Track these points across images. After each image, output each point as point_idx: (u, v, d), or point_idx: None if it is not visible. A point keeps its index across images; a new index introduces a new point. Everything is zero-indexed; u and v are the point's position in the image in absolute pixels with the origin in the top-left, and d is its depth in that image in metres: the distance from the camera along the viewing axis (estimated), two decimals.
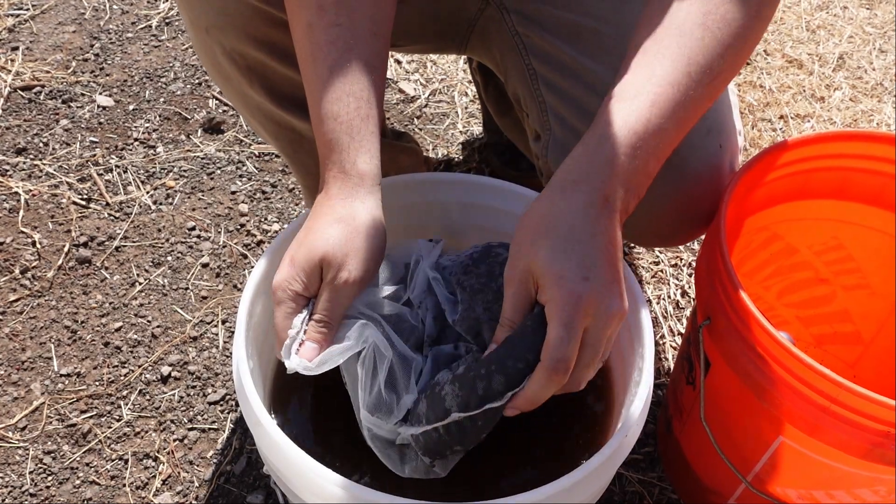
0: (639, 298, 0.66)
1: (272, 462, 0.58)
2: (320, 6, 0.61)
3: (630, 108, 0.57)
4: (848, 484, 0.72)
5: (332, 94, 0.61)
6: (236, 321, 0.64)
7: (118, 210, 1.27)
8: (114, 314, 1.14)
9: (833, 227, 0.86)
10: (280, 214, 1.28)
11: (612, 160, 0.56)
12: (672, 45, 0.59)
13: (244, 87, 0.85)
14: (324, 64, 0.61)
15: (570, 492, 0.55)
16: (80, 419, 1.03)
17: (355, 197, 0.61)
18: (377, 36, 0.63)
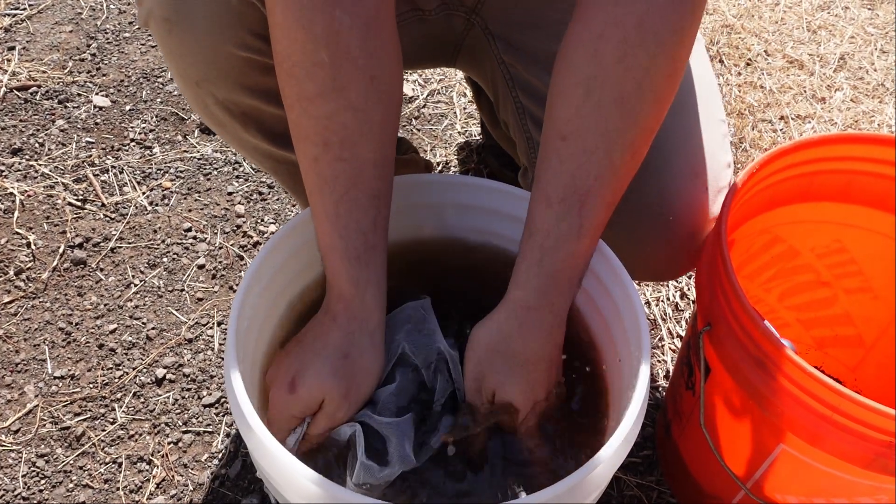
0: (636, 303, 0.65)
1: (264, 468, 0.58)
2: (326, 142, 0.61)
3: (561, 214, 0.60)
4: (849, 493, 0.71)
5: (338, 229, 0.63)
6: (228, 325, 0.63)
7: (114, 211, 1.26)
8: (108, 316, 1.13)
9: (836, 230, 0.85)
10: (277, 215, 1.27)
11: (557, 275, 0.62)
12: (594, 135, 0.59)
13: (239, 131, 0.84)
14: (330, 199, 0.62)
15: (567, 496, 0.54)
16: (74, 422, 1.02)
17: (362, 332, 0.64)
18: (383, 164, 0.64)
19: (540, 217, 0.61)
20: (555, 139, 0.60)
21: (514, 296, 0.63)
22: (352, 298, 0.64)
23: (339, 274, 0.63)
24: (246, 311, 0.65)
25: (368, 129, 0.61)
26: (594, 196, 0.60)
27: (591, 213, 0.61)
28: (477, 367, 0.64)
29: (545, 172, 0.61)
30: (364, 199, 0.63)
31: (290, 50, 0.59)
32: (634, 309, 0.65)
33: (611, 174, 0.60)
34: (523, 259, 0.62)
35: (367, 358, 0.64)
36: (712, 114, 0.81)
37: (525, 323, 0.63)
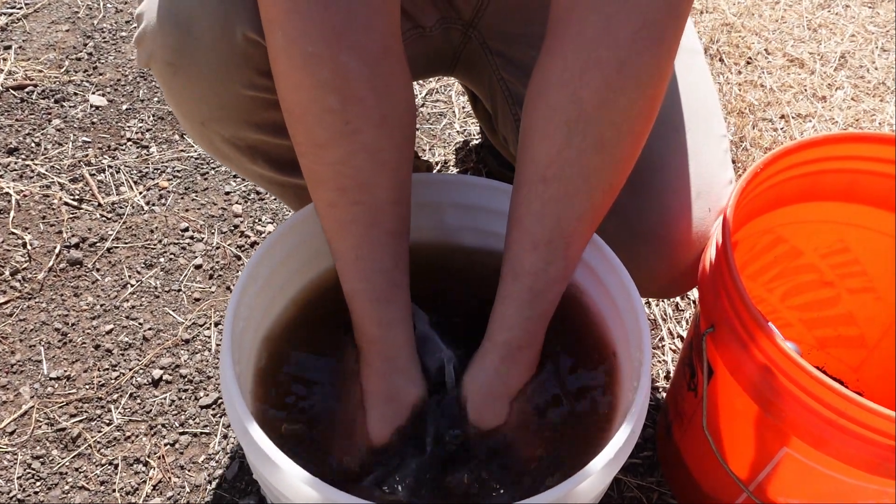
0: (637, 304, 0.64)
1: (260, 470, 0.57)
2: (341, 187, 0.61)
3: (549, 257, 0.61)
4: (853, 497, 0.70)
5: (360, 272, 0.63)
6: (223, 326, 0.63)
7: (110, 211, 1.25)
8: (105, 316, 1.12)
9: (839, 229, 0.84)
10: (274, 215, 1.26)
11: (545, 314, 0.63)
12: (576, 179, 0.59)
13: (246, 163, 0.83)
14: (350, 242, 0.62)
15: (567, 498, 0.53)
16: (70, 423, 1.01)
17: (398, 371, 0.65)
18: (399, 203, 0.64)
19: (527, 260, 0.61)
20: (535, 182, 0.60)
21: (504, 338, 0.63)
22: (381, 340, 0.64)
23: (365, 317, 0.64)
24: (242, 312, 0.64)
25: (383, 170, 0.61)
26: (578, 236, 0.61)
27: (575, 252, 0.62)
28: (476, 408, 0.65)
29: (528, 215, 0.60)
30: (384, 238, 0.62)
31: (298, 98, 0.58)
32: (635, 309, 0.64)
33: (592, 213, 0.61)
34: (511, 301, 0.62)
35: (409, 393, 0.65)
36: (713, 130, 0.80)
37: (517, 362, 0.64)
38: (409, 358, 0.65)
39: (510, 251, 0.62)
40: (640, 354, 0.61)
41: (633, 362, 0.62)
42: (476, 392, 0.64)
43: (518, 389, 0.65)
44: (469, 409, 0.64)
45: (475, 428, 0.64)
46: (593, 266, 0.68)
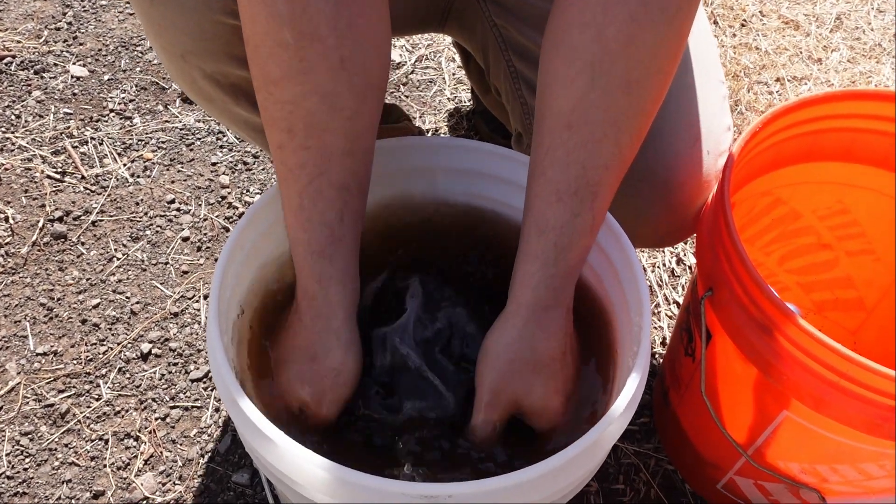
0: (636, 269, 0.62)
1: (251, 443, 0.55)
2: (290, 129, 0.57)
3: (575, 209, 0.57)
4: (853, 458, 0.69)
5: (301, 221, 0.59)
6: (209, 297, 0.61)
7: (94, 183, 1.22)
8: (91, 291, 1.10)
9: (839, 190, 0.83)
10: (262, 186, 1.24)
11: (571, 272, 0.59)
12: (602, 124, 0.55)
13: (229, 105, 0.80)
14: (294, 188, 0.59)
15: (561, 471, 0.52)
16: (58, 399, 0.99)
17: (328, 331, 0.61)
18: (352, 154, 0.60)
19: (552, 213, 0.57)
20: (559, 129, 0.56)
21: (529, 298, 0.59)
22: (314, 296, 0.60)
23: (303, 269, 0.61)
24: (228, 282, 0.62)
25: (336, 116, 0.57)
26: (605, 186, 0.57)
27: (602, 204, 0.58)
28: (497, 380, 0.60)
29: (552, 165, 0.57)
30: (330, 192, 0.59)
31: (254, 30, 0.55)
32: (635, 275, 0.62)
33: (619, 161, 0.57)
34: (535, 258, 0.58)
35: (334, 358, 0.60)
36: (711, 75, 0.78)
37: (544, 324, 0.59)
38: (344, 320, 0.61)
39: (532, 206, 0.58)
40: (640, 319, 0.60)
41: (633, 327, 0.61)
42: (495, 355, 0.60)
43: (548, 356, 0.60)
44: (483, 376, 0.60)
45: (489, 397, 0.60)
46: None
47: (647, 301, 0.61)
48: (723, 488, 0.86)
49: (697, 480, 0.91)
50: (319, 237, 0.59)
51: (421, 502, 0.50)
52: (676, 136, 0.72)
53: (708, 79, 0.77)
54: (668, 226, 0.75)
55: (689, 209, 0.74)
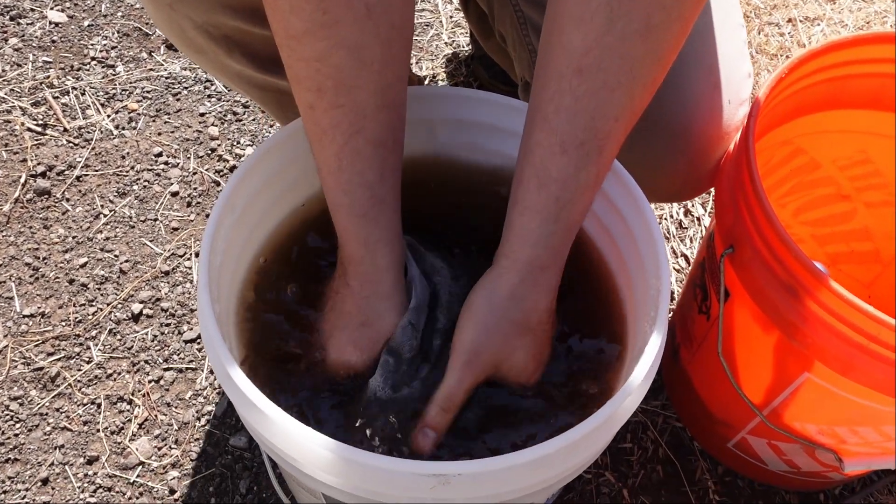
0: (654, 229, 0.59)
1: (245, 417, 0.52)
2: (319, 87, 0.53)
3: (580, 162, 0.52)
4: (876, 421, 0.66)
5: (342, 184, 0.56)
6: (199, 258, 0.57)
7: (77, 136, 1.17)
8: (78, 249, 1.05)
9: (862, 139, 0.78)
10: (253, 137, 1.19)
11: (571, 229, 0.56)
12: (616, 70, 0.50)
13: (221, 57, 0.75)
14: (330, 150, 0.55)
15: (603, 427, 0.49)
16: (47, 362, 0.96)
17: (378, 296, 0.59)
18: (387, 108, 0.56)
19: (554, 165, 0.53)
20: (568, 74, 0.51)
21: (527, 255, 0.55)
22: (361, 260, 0.58)
23: (348, 233, 0.58)
24: (218, 246, 0.58)
25: (366, 70, 0.53)
26: (613, 139, 0.53)
27: (608, 158, 0.54)
28: (480, 339, 0.56)
29: (557, 113, 0.52)
30: (368, 149, 0.55)
31: None
32: (652, 235, 0.58)
33: (630, 113, 0.53)
34: (535, 213, 0.54)
35: (386, 322, 0.59)
36: (731, 18, 0.73)
37: (538, 284, 0.56)
38: (393, 283, 0.59)
39: (532, 155, 0.54)
40: (658, 282, 0.56)
41: (650, 290, 0.57)
42: (481, 311, 0.57)
43: (536, 318, 0.58)
44: (464, 331, 0.57)
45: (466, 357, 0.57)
46: (604, 186, 0.63)
47: (665, 263, 0.57)
48: (734, 447, 0.84)
49: (707, 439, 0.89)
50: (361, 199, 0.56)
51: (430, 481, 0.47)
52: (695, 83, 0.67)
53: (727, 22, 0.71)
54: (685, 179, 0.71)
55: (708, 161, 0.70)
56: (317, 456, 0.48)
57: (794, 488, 0.88)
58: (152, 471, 0.89)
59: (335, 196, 0.57)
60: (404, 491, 0.48)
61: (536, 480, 0.49)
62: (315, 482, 0.52)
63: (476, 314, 0.57)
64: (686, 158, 0.68)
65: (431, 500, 0.48)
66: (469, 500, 0.49)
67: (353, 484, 0.48)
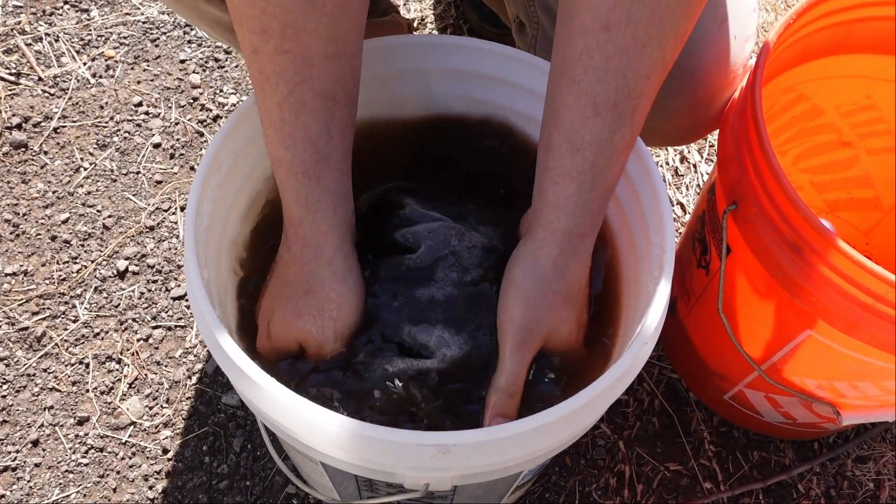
0: (657, 184, 0.56)
1: (236, 384, 0.50)
2: (263, 29, 0.48)
3: (614, 124, 0.50)
4: (876, 377, 0.66)
5: (283, 137, 0.52)
6: (185, 221, 0.54)
7: (53, 86, 1.12)
8: (59, 204, 1.02)
9: (868, 85, 0.76)
10: (237, 84, 1.15)
11: (608, 194, 0.53)
12: (647, 24, 0.47)
13: (200, 3, 0.71)
14: (272, 99, 0.51)
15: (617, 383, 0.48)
16: (32, 322, 0.94)
17: (319, 261, 0.54)
18: (338, 57, 0.51)
19: (589, 129, 0.50)
20: (596, 31, 0.48)
21: (566, 225, 0.52)
22: (301, 222, 0.54)
23: (288, 192, 0.54)
24: (205, 208, 0.56)
25: (316, 13, 0.49)
26: (645, 98, 0.50)
27: (641, 116, 0.51)
28: (530, 316, 0.53)
29: (587, 73, 0.49)
30: (314, 101, 0.51)
31: None
32: (656, 189, 0.56)
33: (662, 69, 0.50)
34: (571, 179, 0.51)
35: (331, 289, 0.54)
36: None
37: (578, 252, 0.53)
38: (337, 247, 0.55)
39: (563, 119, 0.51)
40: (662, 241, 0.54)
41: (654, 249, 0.55)
42: (527, 287, 0.54)
43: (577, 286, 0.55)
44: (511, 309, 0.54)
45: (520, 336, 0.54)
46: None
47: (669, 220, 0.55)
48: (730, 399, 0.84)
49: (703, 390, 0.89)
50: (303, 155, 0.52)
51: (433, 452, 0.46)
52: (701, 19, 0.63)
53: None
54: (692, 120, 0.68)
55: (715, 101, 0.67)
56: (316, 428, 0.46)
57: (790, 438, 0.88)
58: (144, 430, 0.88)
59: (276, 150, 0.53)
60: (404, 460, 0.47)
61: (536, 449, 0.48)
62: (313, 451, 0.50)
63: (521, 290, 0.54)
64: (692, 100, 0.65)
65: (431, 469, 0.47)
66: (467, 468, 0.48)
67: (353, 454, 0.47)
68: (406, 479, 0.51)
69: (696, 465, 0.89)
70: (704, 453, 0.90)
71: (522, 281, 0.54)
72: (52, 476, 0.85)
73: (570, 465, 0.88)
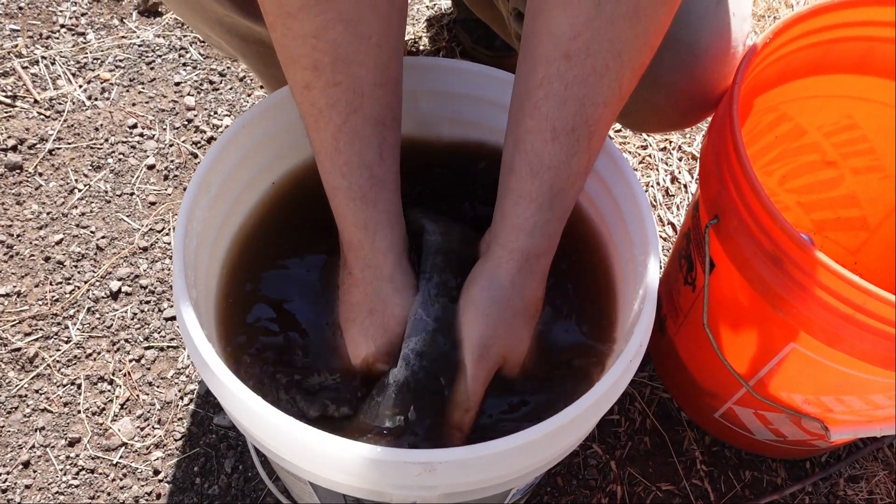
0: (640, 200, 0.57)
1: (229, 410, 0.51)
2: (315, 66, 0.51)
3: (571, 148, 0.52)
4: (862, 390, 0.66)
5: (339, 166, 0.54)
6: (173, 240, 0.55)
7: (48, 108, 1.14)
8: (53, 225, 1.03)
9: (848, 104, 0.77)
10: (231, 107, 1.16)
11: (565, 215, 0.55)
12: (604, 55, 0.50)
13: (205, 0, 0.72)
14: (327, 131, 0.53)
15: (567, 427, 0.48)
16: (25, 343, 0.94)
17: (380, 279, 0.57)
18: (385, 84, 0.54)
19: (547, 152, 0.52)
20: (556, 59, 0.50)
21: (522, 245, 0.54)
22: (360, 245, 0.56)
23: (346, 218, 0.56)
24: (194, 228, 0.56)
25: (364, 45, 0.51)
26: (602, 124, 0.52)
27: (598, 143, 0.53)
28: (489, 332, 0.56)
29: (547, 99, 0.51)
30: (366, 128, 0.54)
31: None
32: (639, 206, 0.57)
33: (618, 98, 0.52)
34: (530, 201, 0.53)
35: (395, 304, 0.57)
36: None
37: (534, 271, 0.55)
38: (396, 264, 0.58)
39: (524, 143, 0.53)
40: (646, 258, 0.55)
41: (638, 266, 0.56)
42: (484, 304, 0.56)
43: (534, 303, 0.57)
44: (471, 328, 0.56)
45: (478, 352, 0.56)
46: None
47: (654, 238, 0.56)
48: (721, 417, 0.84)
49: (694, 409, 0.89)
50: (360, 181, 0.55)
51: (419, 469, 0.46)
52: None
53: None
54: (691, 99, 0.69)
55: (715, 79, 0.67)
56: (301, 446, 0.47)
57: (781, 457, 0.89)
58: (136, 451, 0.88)
59: (332, 179, 0.55)
60: (390, 478, 0.47)
61: (521, 466, 0.48)
62: (301, 470, 0.51)
63: (479, 307, 0.56)
64: (692, 77, 0.66)
65: (417, 487, 0.47)
66: (454, 486, 0.48)
67: (339, 473, 0.47)
68: (394, 499, 0.51)
69: (688, 484, 0.89)
70: (696, 473, 0.90)
71: (481, 298, 0.55)
72: (42, 497, 0.85)
73: (562, 486, 0.88)
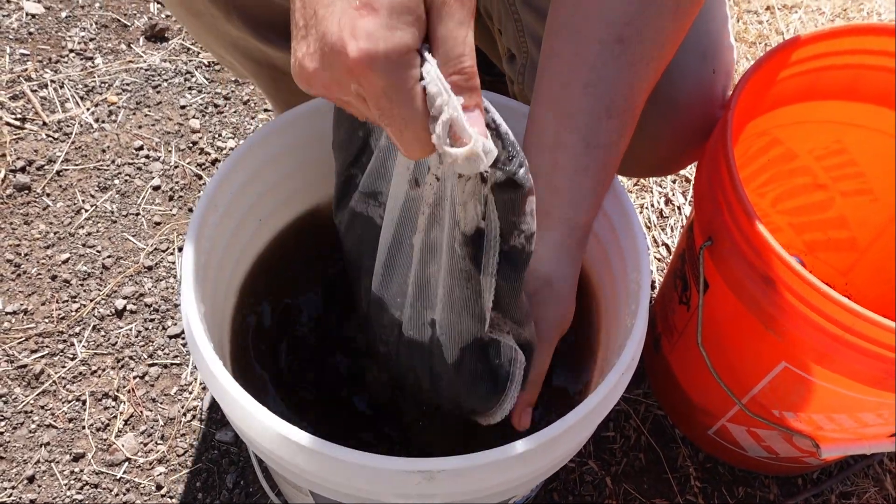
0: (634, 222, 0.59)
1: (233, 418, 0.52)
2: None
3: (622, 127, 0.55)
4: (852, 409, 0.68)
5: None
6: (182, 258, 0.57)
7: (57, 130, 1.16)
8: (60, 245, 1.05)
9: (837, 129, 0.79)
10: (235, 129, 1.18)
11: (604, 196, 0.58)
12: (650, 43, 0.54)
13: (220, 21, 0.73)
14: None
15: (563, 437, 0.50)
16: (31, 360, 0.95)
17: None
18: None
19: (603, 129, 0.55)
20: (610, 41, 0.53)
21: (584, 219, 0.56)
22: None
23: None
24: (203, 245, 0.58)
25: None
26: (638, 111, 0.56)
27: (632, 130, 0.57)
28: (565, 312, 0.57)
29: (602, 79, 0.54)
30: None
31: None
32: (632, 228, 0.59)
33: (649, 90, 0.56)
34: (587, 177, 0.55)
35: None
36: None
37: (583, 246, 0.57)
38: None
39: (575, 119, 0.55)
40: (639, 276, 0.57)
41: (630, 285, 0.58)
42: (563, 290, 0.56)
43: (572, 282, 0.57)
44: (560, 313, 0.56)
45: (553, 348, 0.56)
46: None
47: (645, 256, 0.58)
48: (714, 434, 0.86)
49: (688, 426, 0.91)
50: None
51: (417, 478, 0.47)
52: (683, 52, 0.67)
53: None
54: (672, 147, 0.71)
55: (695, 131, 0.70)
56: (304, 454, 0.48)
57: (774, 473, 0.90)
58: (139, 467, 0.89)
59: None
60: (390, 487, 0.49)
61: (518, 475, 0.50)
62: (303, 480, 0.52)
63: (555, 288, 0.56)
64: (674, 126, 0.69)
65: (417, 496, 0.49)
66: (453, 495, 0.50)
67: (340, 482, 0.49)
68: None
69: (682, 500, 0.90)
70: (690, 489, 0.91)
71: (555, 278, 0.56)
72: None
73: (559, 501, 0.89)
